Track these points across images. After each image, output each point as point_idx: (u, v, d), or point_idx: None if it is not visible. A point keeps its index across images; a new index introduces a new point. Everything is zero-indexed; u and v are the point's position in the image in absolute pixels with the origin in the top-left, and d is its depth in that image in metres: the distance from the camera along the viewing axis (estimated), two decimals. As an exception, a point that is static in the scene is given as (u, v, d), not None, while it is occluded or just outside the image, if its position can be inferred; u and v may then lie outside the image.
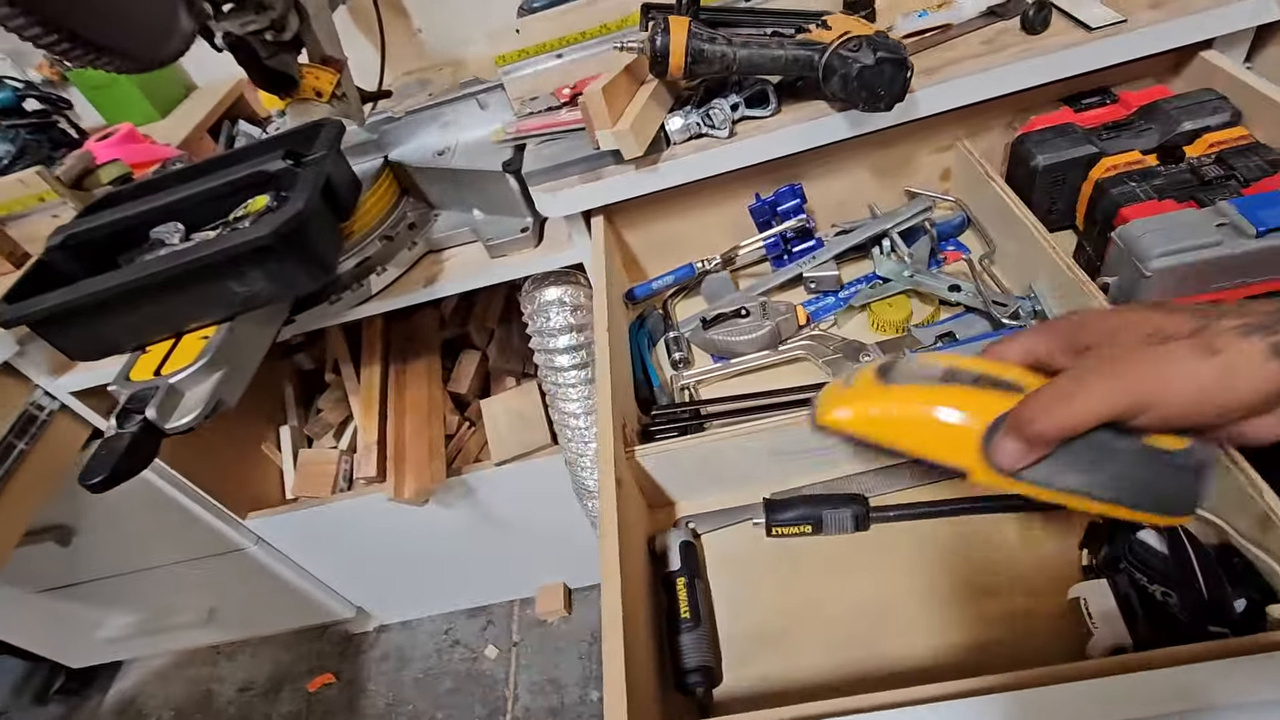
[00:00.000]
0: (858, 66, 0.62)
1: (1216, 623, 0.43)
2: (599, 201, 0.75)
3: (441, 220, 0.93)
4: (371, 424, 1.18)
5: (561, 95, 0.87)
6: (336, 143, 0.77)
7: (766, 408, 0.67)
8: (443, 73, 1.28)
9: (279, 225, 0.63)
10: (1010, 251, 0.70)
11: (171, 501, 1.11)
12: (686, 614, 0.54)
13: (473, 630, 1.49)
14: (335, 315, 0.86)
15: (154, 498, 1.09)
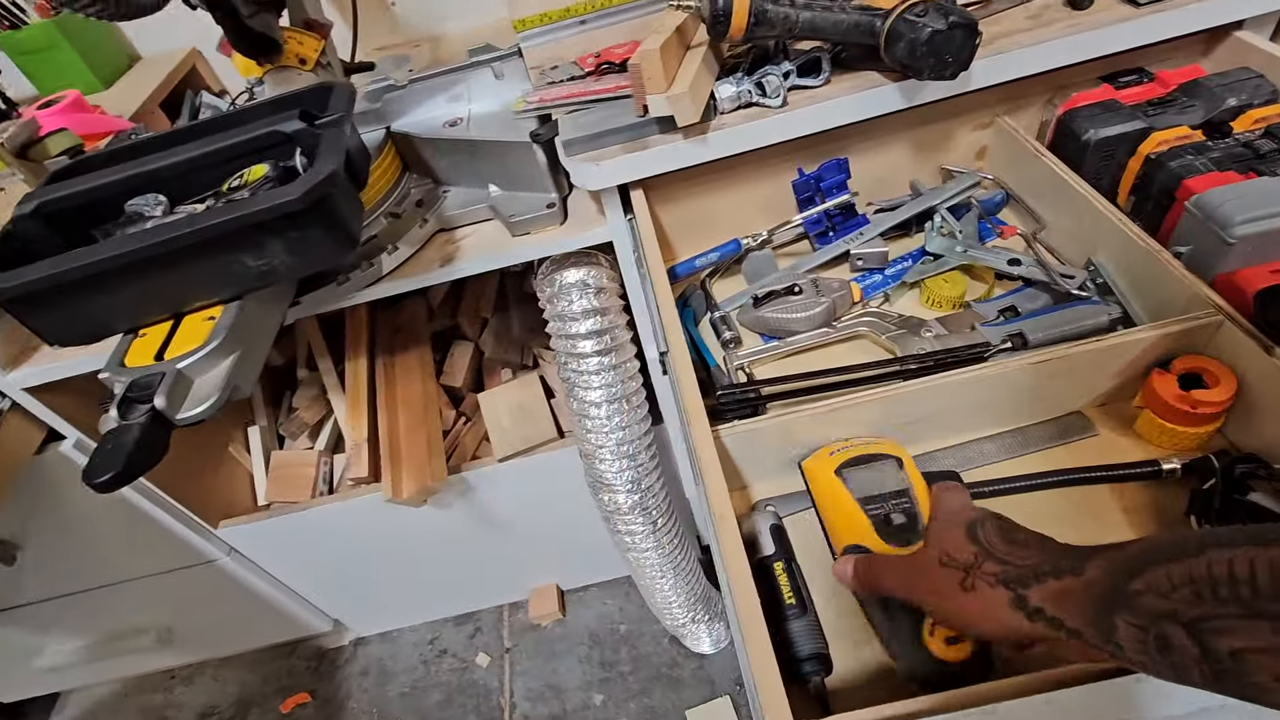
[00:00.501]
0: (928, 31, 0.61)
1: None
2: (645, 173, 0.71)
3: (452, 197, 0.87)
4: (360, 421, 1.09)
5: (585, 64, 0.82)
6: (351, 105, 0.69)
7: (832, 386, 0.64)
8: (420, 49, 1.20)
9: (310, 186, 0.55)
10: (1064, 226, 0.70)
11: (136, 511, 0.99)
12: (791, 600, 0.51)
13: (460, 638, 1.41)
14: (344, 297, 0.78)
15: (114, 507, 0.97)
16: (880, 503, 0.50)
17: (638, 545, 1.02)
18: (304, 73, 0.84)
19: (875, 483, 0.51)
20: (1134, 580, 0.29)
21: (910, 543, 0.48)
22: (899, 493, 0.50)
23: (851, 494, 0.51)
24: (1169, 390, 0.54)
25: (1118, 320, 0.61)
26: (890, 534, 0.48)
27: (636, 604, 1.37)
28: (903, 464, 0.53)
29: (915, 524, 0.48)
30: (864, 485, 0.51)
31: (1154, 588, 0.28)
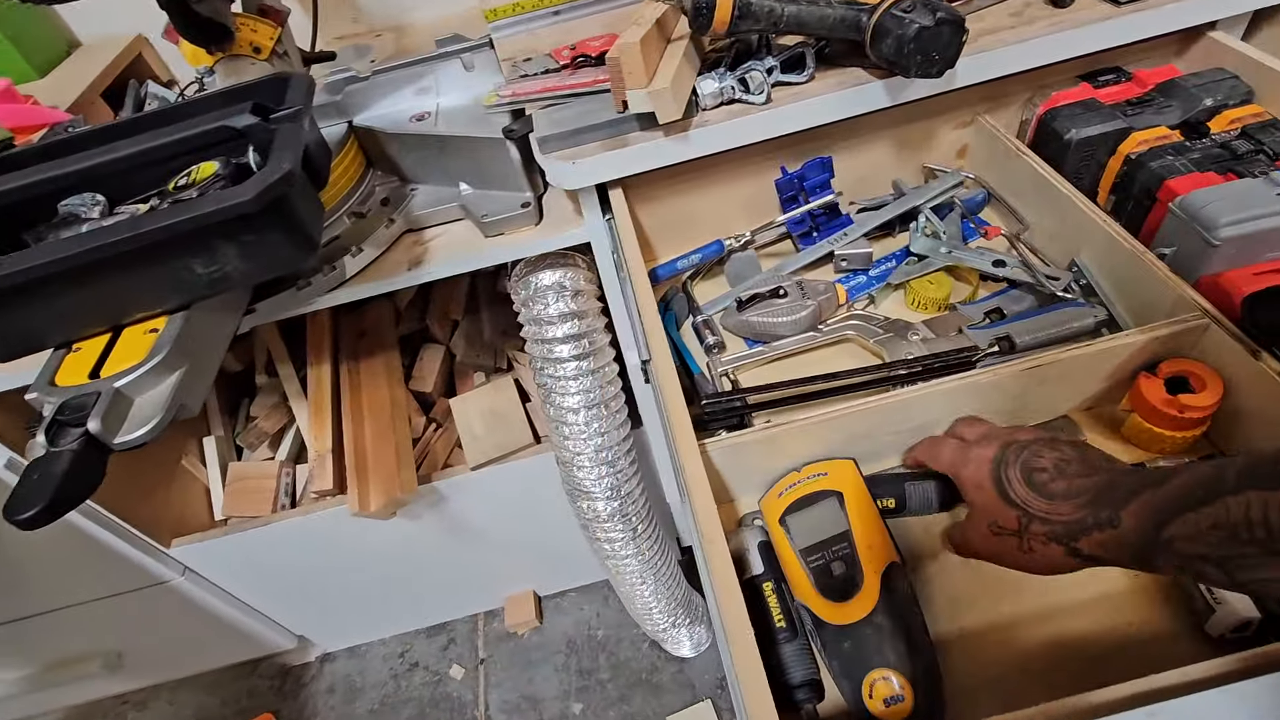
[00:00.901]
0: (915, 27, 0.59)
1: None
2: (625, 171, 0.68)
3: (420, 196, 0.83)
4: (324, 430, 1.04)
5: (560, 56, 0.78)
6: (310, 98, 0.65)
7: (820, 394, 0.62)
8: (382, 38, 1.16)
9: (265, 187, 0.51)
10: (1047, 226, 0.69)
11: (77, 532, 0.93)
12: (782, 623, 0.49)
13: (433, 650, 1.36)
14: (305, 302, 0.73)
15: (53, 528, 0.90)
16: (821, 552, 0.50)
17: (617, 553, 1.00)
18: (258, 62, 0.79)
19: (816, 528, 0.51)
20: (1165, 529, 0.33)
21: (849, 595, 0.47)
22: (839, 537, 0.50)
23: (793, 546, 0.51)
24: (1156, 394, 0.53)
25: (1103, 323, 0.61)
26: (830, 587, 0.48)
27: (615, 608, 1.34)
28: (844, 500, 0.52)
29: (854, 571, 0.48)
30: (805, 533, 0.51)
31: (1184, 534, 0.32)
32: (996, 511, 0.42)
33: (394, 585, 1.26)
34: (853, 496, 0.52)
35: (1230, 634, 0.45)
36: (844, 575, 0.49)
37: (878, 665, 0.45)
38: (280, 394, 1.15)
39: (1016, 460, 0.43)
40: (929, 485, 0.53)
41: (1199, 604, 0.46)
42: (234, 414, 1.19)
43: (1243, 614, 0.44)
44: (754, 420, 0.63)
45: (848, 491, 0.52)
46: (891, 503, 0.53)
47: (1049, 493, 0.40)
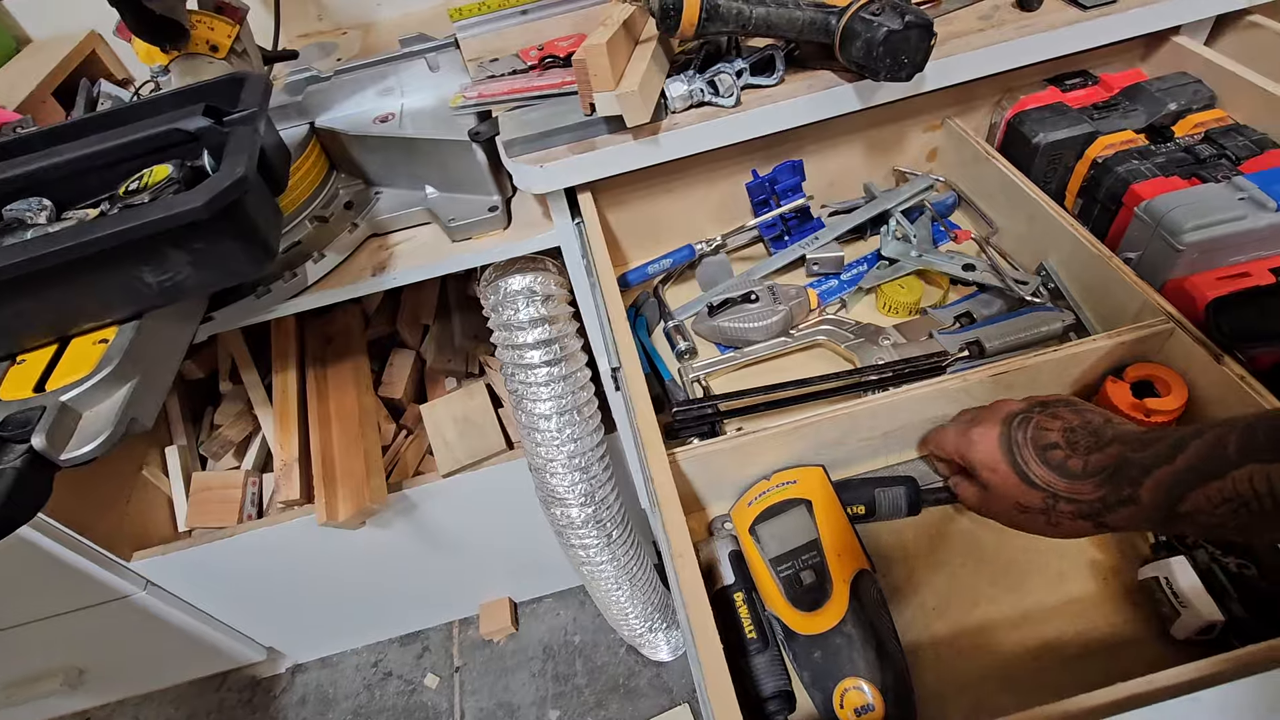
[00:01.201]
0: (884, 31, 0.59)
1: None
2: (593, 175, 0.67)
3: (385, 199, 0.81)
4: (290, 438, 1.01)
5: (528, 57, 0.77)
6: (266, 99, 0.63)
7: (792, 400, 0.62)
8: (348, 36, 1.13)
9: (216, 193, 0.49)
10: (1015, 230, 0.69)
11: (31, 548, 0.89)
12: (752, 633, 0.48)
13: (407, 659, 1.34)
14: (265, 310, 0.71)
15: (7, 543, 0.88)
16: (791, 561, 0.50)
17: (592, 559, 0.99)
18: (215, 61, 0.77)
19: (786, 537, 0.51)
20: (1182, 503, 0.34)
21: (819, 604, 0.47)
22: (808, 545, 0.50)
23: (763, 555, 0.51)
24: (1123, 399, 0.53)
25: (1071, 327, 0.61)
26: (799, 597, 0.48)
27: (592, 614, 1.33)
28: (812, 508, 0.51)
29: (824, 580, 0.48)
30: (774, 542, 0.51)
31: (1200, 508, 0.34)
32: (1019, 493, 0.43)
33: (366, 594, 1.23)
34: (821, 504, 0.51)
35: (1195, 636, 0.45)
36: (813, 584, 0.49)
37: (848, 674, 0.45)
38: (245, 401, 1.12)
39: (1025, 437, 0.44)
40: (898, 491, 0.53)
41: (1165, 608, 0.46)
42: (197, 422, 1.16)
43: (1206, 618, 0.44)
44: (726, 427, 0.62)
45: (816, 499, 0.52)
46: (861, 509, 0.53)
47: (1068, 472, 0.40)
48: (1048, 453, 0.42)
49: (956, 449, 0.49)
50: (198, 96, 0.62)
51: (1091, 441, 0.40)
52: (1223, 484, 0.33)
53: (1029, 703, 0.38)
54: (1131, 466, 0.37)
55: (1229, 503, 0.33)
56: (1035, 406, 0.46)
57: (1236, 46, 0.74)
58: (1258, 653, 0.36)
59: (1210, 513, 0.34)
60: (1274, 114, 0.65)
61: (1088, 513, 0.39)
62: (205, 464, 1.13)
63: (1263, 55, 0.71)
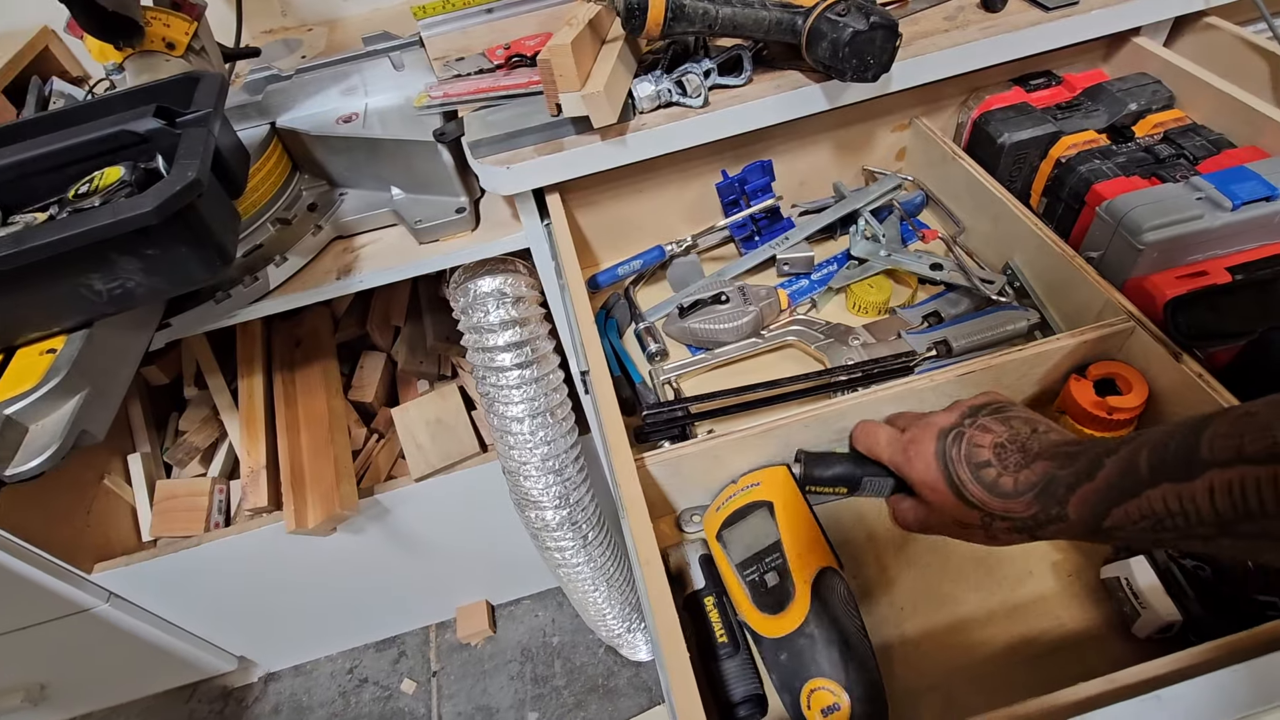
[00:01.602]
0: (849, 31, 0.59)
1: (1265, 591, 0.43)
2: (560, 176, 0.66)
3: (350, 200, 0.79)
4: (257, 444, 0.99)
5: (494, 56, 0.76)
6: (221, 99, 0.61)
7: (762, 402, 0.62)
8: (313, 33, 1.11)
9: (167, 198, 0.48)
10: (982, 229, 0.70)
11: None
12: (724, 638, 0.48)
13: (383, 665, 1.33)
14: (225, 315, 0.70)
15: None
16: (755, 565, 0.50)
17: (568, 561, 0.98)
18: (172, 59, 0.74)
19: (750, 541, 0.51)
20: (1105, 520, 0.36)
21: (783, 606, 0.47)
22: (771, 548, 0.50)
23: (730, 560, 0.51)
24: (1086, 397, 0.54)
25: (1036, 326, 0.62)
26: (764, 600, 0.48)
27: (570, 614, 1.33)
28: (774, 509, 0.51)
29: (786, 581, 0.48)
30: (740, 547, 0.51)
31: (1120, 524, 0.35)
32: (958, 512, 0.43)
33: (340, 600, 1.21)
34: (782, 504, 0.51)
35: (1155, 634, 0.46)
36: (777, 586, 0.48)
37: (813, 675, 0.44)
38: (211, 407, 1.10)
39: (960, 455, 0.44)
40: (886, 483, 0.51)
41: (1126, 607, 0.47)
42: (161, 429, 1.13)
43: (1165, 617, 0.45)
44: (697, 429, 0.62)
45: (778, 500, 0.51)
46: (843, 490, 0.52)
47: (1001, 491, 0.41)
48: (981, 472, 0.42)
49: (892, 459, 0.49)
50: (149, 97, 0.60)
51: (1019, 458, 0.41)
52: (1139, 502, 0.33)
53: (998, 701, 0.38)
54: (1057, 485, 0.38)
55: (1146, 519, 0.33)
56: (965, 418, 0.45)
57: (1194, 47, 0.75)
58: (1212, 650, 0.36)
59: (1131, 528, 0.34)
60: (1230, 114, 0.66)
61: (1022, 528, 0.41)
62: (170, 471, 1.11)
63: (1219, 56, 0.73)
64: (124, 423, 1.12)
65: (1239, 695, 0.33)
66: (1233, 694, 0.33)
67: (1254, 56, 0.71)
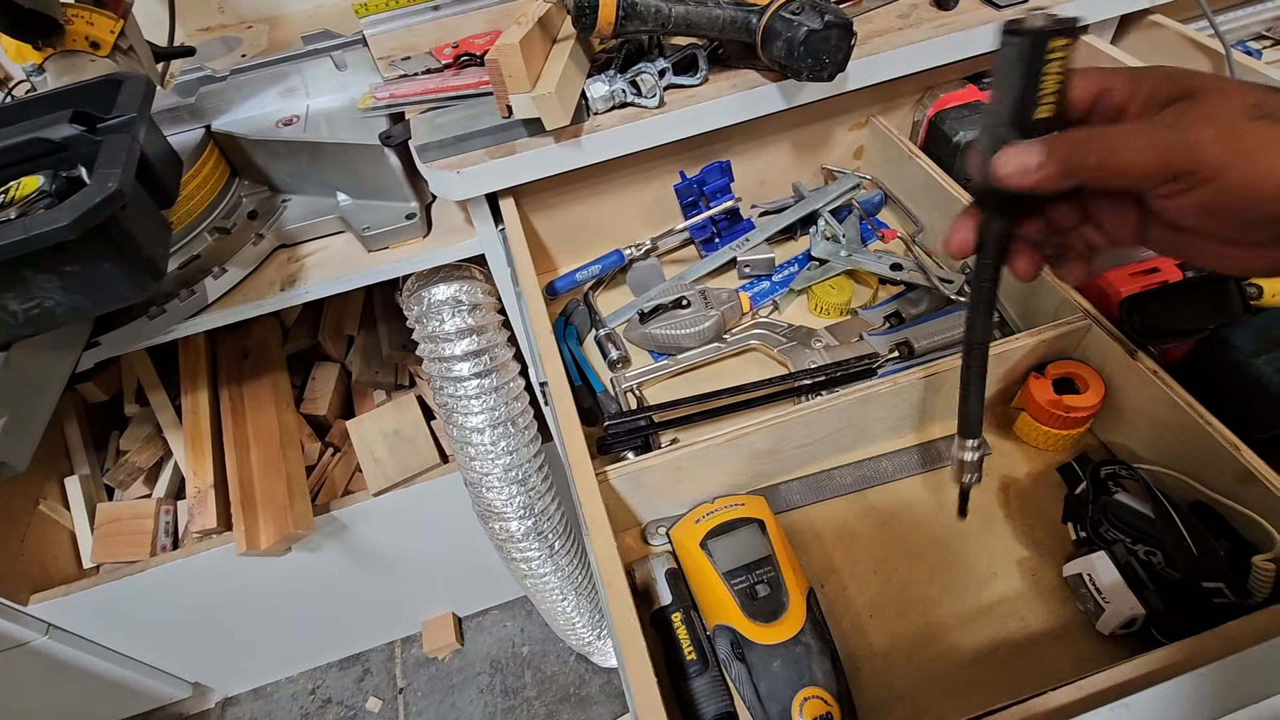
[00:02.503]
0: (804, 30, 0.58)
1: (1208, 578, 0.44)
2: (513, 180, 0.64)
3: (294, 207, 0.76)
4: (204, 463, 0.95)
5: (442, 55, 0.73)
6: (147, 103, 0.57)
7: (725, 409, 0.61)
8: (253, 30, 1.06)
9: (84, 211, 0.44)
10: (940, 228, 0.70)
11: (-94, 601, 0.81)
12: (692, 655, 0.47)
13: (347, 684, 1.29)
14: (160, 332, 0.66)
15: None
16: (745, 574, 0.49)
17: (535, 571, 0.96)
18: (98, 59, 0.70)
19: (739, 552, 0.50)
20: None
21: (776, 615, 0.46)
22: (762, 560, 0.49)
23: (716, 568, 0.49)
24: (1044, 395, 0.54)
25: (995, 325, 0.62)
26: (756, 610, 0.47)
27: (539, 623, 1.31)
28: (765, 527, 0.51)
29: (779, 593, 0.48)
30: (728, 557, 0.50)
31: None
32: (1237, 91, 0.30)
33: (299, 619, 1.17)
34: (773, 526, 0.52)
35: (1119, 630, 0.46)
36: (769, 596, 0.48)
37: (808, 683, 0.44)
38: (154, 424, 1.04)
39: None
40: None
41: (1089, 604, 0.47)
42: (101, 449, 1.08)
43: (1128, 612, 0.45)
44: (661, 438, 0.60)
45: (768, 521, 0.52)
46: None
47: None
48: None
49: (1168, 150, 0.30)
50: (66, 101, 0.56)
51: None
52: None
53: (966, 708, 0.38)
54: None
55: None
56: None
57: (1140, 45, 0.76)
58: (1178, 652, 0.36)
59: None
60: (1176, 111, 0.67)
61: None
62: (112, 494, 1.05)
63: (1164, 54, 0.74)
64: (60, 444, 1.06)
65: (1206, 700, 0.33)
66: (1200, 699, 0.33)
67: (1197, 54, 0.72)
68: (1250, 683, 0.34)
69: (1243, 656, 0.35)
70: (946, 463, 0.57)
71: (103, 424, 1.09)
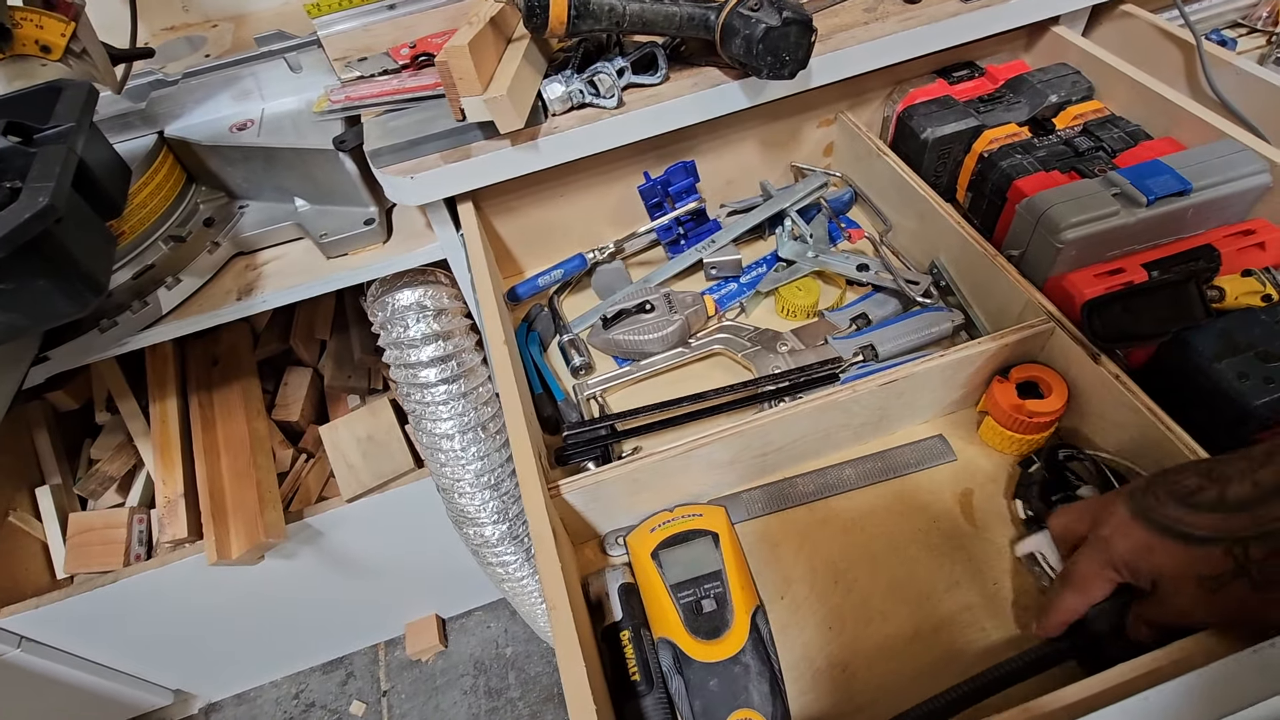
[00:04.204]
0: (762, 28, 0.56)
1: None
2: (470, 185, 0.63)
3: (251, 214, 0.74)
4: (173, 472, 0.94)
5: (399, 55, 0.71)
6: (88, 111, 0.56)
7: (687, 417, 0.60)
8: (218, 29, 1.04)
9: (11, 230, 0.43)
10: (907, 227, 0.69)
11: None
12: (636, 675, 0.46)
13: (330, 688, 1.28)
14: (112, 345, 0.64)
15: None
16: (693, 588, 0.49)
17: (512, 575, 0.95)
18: (50, 63, 0.68)
19: (690, 565, 0.50)
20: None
21: (719, 633, 0.46)
22: (711, 575, 0.49)
23: (665, 580, 0.49)
24: (1008, 399, 0.53)
25: (961, 326, 0.61)
26: (698, 625, 0.47)
27: (522, 623, 1.30)
28: (719, 540, 0.51)
29: (724, 609, 0.47)
30: (678, 569, 0.50)
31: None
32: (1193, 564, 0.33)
33: (280, 624, 1.16)
34: (726, 539, 0.51)
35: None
36: (714, 613, 0.47)
37: (742, 705, 0.44)
38: (125, 433, 1.03)
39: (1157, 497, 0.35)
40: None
41: (1044, 581, 0.47)
42: (73, 458, 1.06)
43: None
44: (622, 447, 0.59)
45: (722, 534, 0.51)
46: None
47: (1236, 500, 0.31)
48: (1196, 497, 0.32)
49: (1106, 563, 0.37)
50: (1, 111, 0.54)
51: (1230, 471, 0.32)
52: None
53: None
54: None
55: None
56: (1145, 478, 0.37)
57: (1112, 36, 0.75)
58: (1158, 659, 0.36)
59: None
60: (1146, 105, 0.66)
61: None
62: (85, 504, 1.04)
63: (1135, 44, 0.73)
64: (30, 453, 1.04)
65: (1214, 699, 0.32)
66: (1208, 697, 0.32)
67: (1168, 45, 0.71)
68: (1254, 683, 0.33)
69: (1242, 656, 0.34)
70: (909, 470, 0.56)
71: (74, 432, 1.07)
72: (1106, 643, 0.40)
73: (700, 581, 0.49)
